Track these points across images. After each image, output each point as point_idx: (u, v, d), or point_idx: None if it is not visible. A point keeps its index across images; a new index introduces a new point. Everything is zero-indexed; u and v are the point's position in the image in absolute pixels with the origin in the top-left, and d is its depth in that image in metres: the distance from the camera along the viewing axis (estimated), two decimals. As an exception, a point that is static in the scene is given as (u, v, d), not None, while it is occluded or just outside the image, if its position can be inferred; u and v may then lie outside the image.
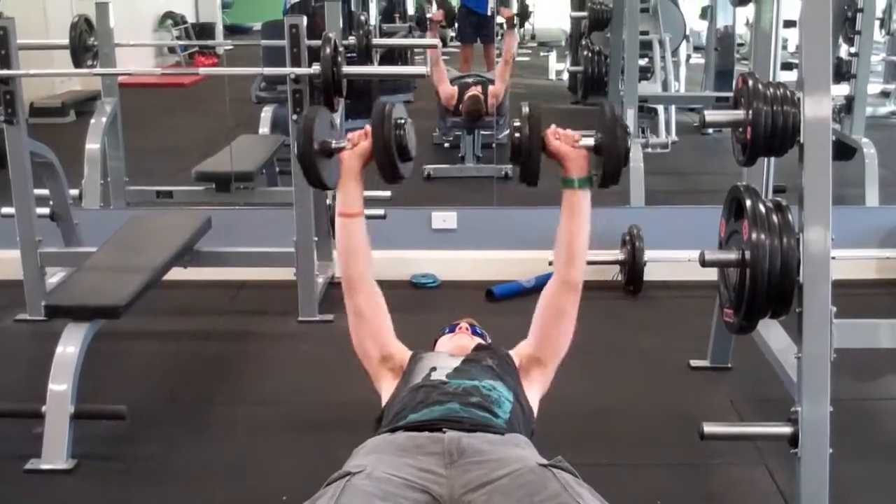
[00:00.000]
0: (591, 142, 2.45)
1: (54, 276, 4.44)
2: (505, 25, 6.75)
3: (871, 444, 3.15)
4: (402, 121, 2.51)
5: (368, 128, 2.52)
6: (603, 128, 2.43)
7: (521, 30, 8.21)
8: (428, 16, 7.28)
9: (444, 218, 4.95)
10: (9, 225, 4.25)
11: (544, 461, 2.06)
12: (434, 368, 2.44)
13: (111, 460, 3.07)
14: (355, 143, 2.53)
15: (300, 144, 2.50)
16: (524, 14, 6.93)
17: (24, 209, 4.20)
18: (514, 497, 1.93)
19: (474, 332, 2.80)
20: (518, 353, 2.57)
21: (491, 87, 6.60)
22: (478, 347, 2.62)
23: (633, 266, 4.45)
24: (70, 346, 3.12)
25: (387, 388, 2.50)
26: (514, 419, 2.28)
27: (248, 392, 3.59)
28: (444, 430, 2.14)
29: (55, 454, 2.98)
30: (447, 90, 6.61)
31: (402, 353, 2.58)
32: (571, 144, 2.45)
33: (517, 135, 2.44)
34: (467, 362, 2.48)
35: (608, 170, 2.41)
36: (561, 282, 2.51)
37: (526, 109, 2.45)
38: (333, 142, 2.55)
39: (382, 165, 2.49)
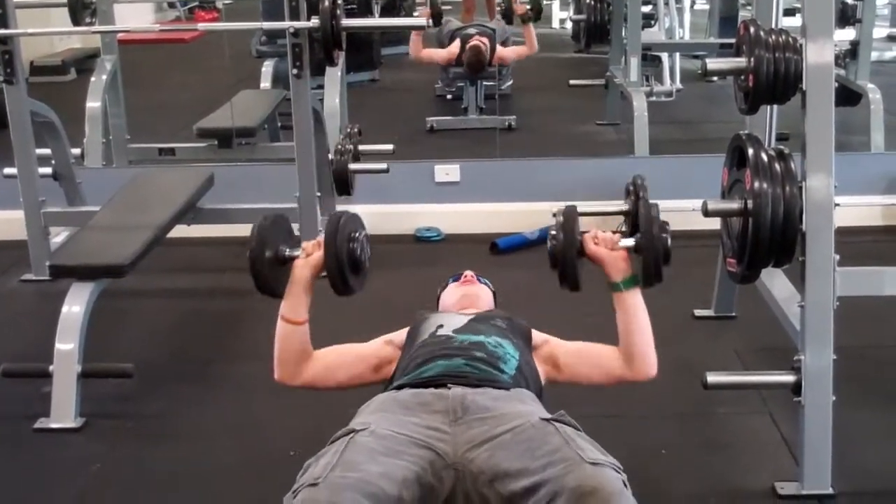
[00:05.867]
0: (630, 243, 2.42)
1: (58, 236, 4.45)
2: (521, 21, 6.51)
3: (873, 392, 3.16)
4: (357, 234, 2.44)
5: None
6: (641, 227, 2.40)
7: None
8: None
9: (447, 171, 4.93)
10: (12, 185, 4.24)
11: (547, 415, 2.07)
12: (441, 325, 2.44)
13: (119, 418, 3.10)
14: (309, 254, 2.44)
15: (251, 251, 2.40)
16: (538, 8, 6.68)
17: (26, 169, 4.19)
18: (516, 452, 1.93)
19: (479, 281, 2.80)
20: (547, 340, 2.52)
21: (501, 49, 6.46)
22: (492, 309, 2.62)
23: (637, 216, 4.42)
24: (75, 305, 3.13)
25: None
26: (519, 376, 2.28)
27: (254, 349, 3.56)
28: (448, 385, 2.14)
29: (63, 413, 3.01)
30: (442, 56, 6.50)
31: (392, 343, 2.51)
32: (611, 248, 2.42)
33: (553, 242, 2.40)
34: (476, 320, 2.47)
35: (648, 269, 2.38)
36: (625, 364, 2.48)
37: (560, 219, 2.41)
38: (287, 250, 2.47)
39: (332, 279, 2.41)
